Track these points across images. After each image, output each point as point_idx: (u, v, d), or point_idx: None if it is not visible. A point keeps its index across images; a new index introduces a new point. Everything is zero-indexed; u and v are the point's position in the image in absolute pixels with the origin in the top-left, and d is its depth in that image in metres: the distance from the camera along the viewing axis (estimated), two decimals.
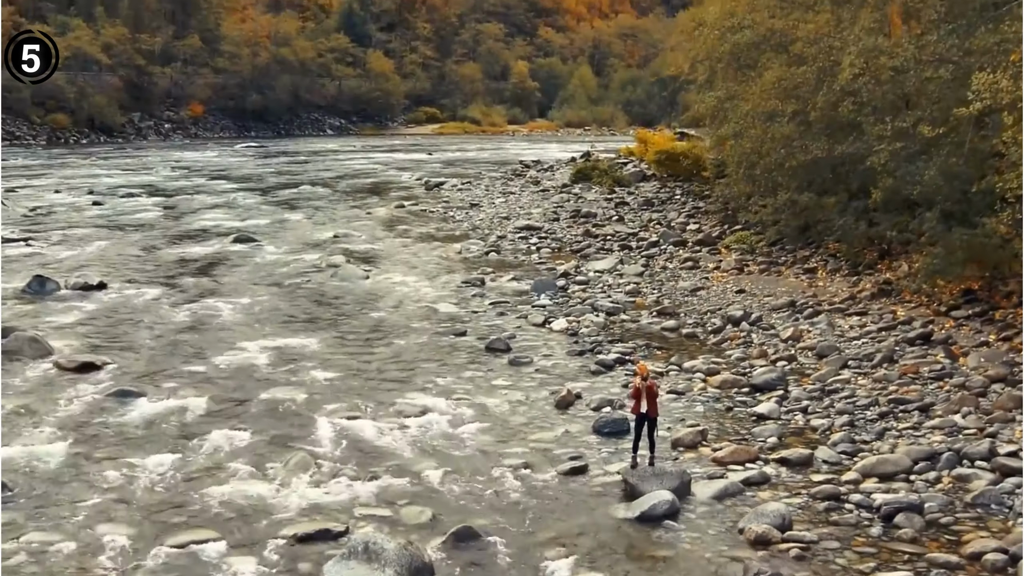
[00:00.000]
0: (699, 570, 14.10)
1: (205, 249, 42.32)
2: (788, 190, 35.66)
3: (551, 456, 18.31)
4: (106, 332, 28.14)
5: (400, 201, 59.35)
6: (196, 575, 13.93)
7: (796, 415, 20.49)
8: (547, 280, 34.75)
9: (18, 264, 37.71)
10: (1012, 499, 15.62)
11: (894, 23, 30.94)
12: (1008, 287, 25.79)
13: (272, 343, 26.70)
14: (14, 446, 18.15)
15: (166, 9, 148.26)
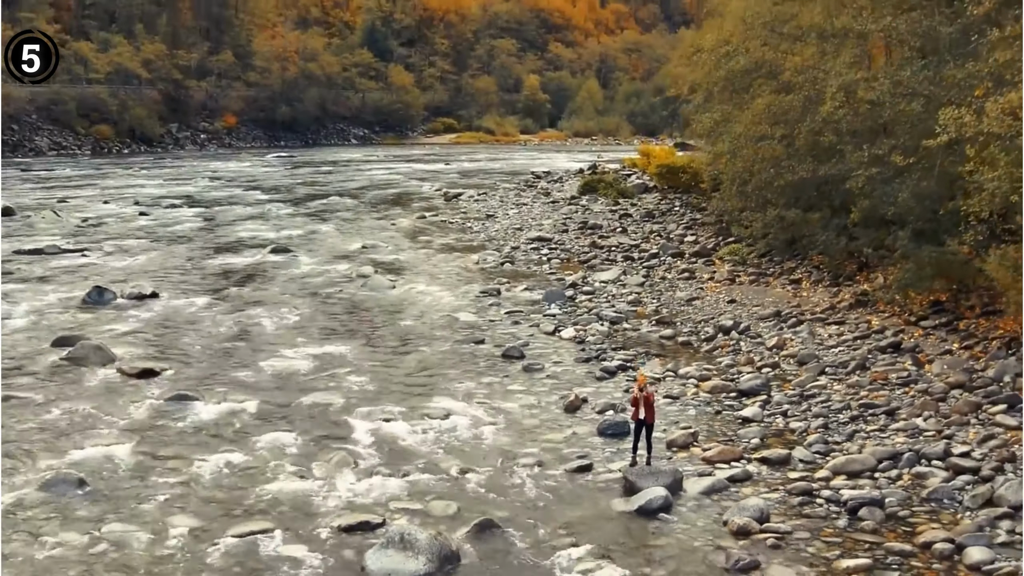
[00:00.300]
0: (688, 558, 14.93)
1: (245, 259, 42.65)
2: (777, 206, 36.12)
3: (560, 455, 19.02)
4: (161, 340, 28.67)
5: (422, 212, 59.56)
6: (256, 562, 14.68)
7: (777, 418, 20.99)
8: (557, 290, 35.10)
9: (76, 274, 38.19)
10: (962, 495, 16.39)
11: (874, 56, 31.85)
12: (970, 300, 26.60)
13: (311, 350, 27.25)
14: (89, 447, 18.92)
15: (201, 26, 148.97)
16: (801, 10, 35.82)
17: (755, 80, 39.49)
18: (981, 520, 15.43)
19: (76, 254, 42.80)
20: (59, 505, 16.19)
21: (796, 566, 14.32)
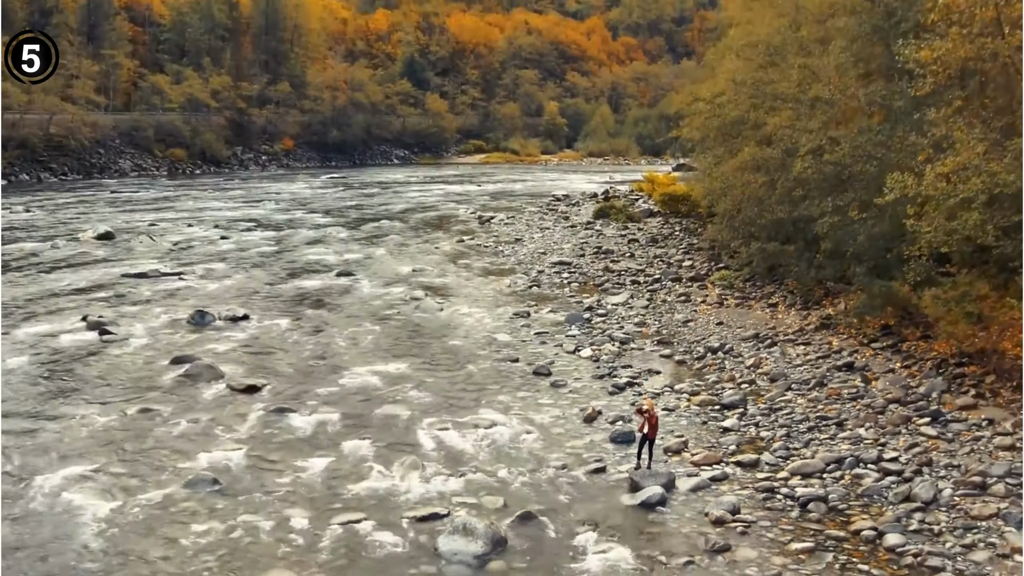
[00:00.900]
0: (677, 541, 17.02)
1: (315, 283, 43.16)
2: (759, 239, 37.64)
3: (581, 459, 20.86)
4: (257, 358, 29.83)
5: (460, 235, 59.72)
6: (355, 545, 16.83)
7: (751, 428, 22.69)
8: (576, 313, 35.91)
9: (177, 297, 38.88)
10: (887, 491, 18.41)
11: (839, 120, 33.87)
12: (912, 327, 28.60)
13: (378, 367, 28.50)
14: (215, 451, 20.84)
15: (260, 59, 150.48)
16: (780, 78, 37.47)
17: (743, 130, 41.52)
18: (900, 512, 17.45)
19: (174, 277, 43.36)
20: (201, 498, 18.40)
21: (758, 548, 16.44)
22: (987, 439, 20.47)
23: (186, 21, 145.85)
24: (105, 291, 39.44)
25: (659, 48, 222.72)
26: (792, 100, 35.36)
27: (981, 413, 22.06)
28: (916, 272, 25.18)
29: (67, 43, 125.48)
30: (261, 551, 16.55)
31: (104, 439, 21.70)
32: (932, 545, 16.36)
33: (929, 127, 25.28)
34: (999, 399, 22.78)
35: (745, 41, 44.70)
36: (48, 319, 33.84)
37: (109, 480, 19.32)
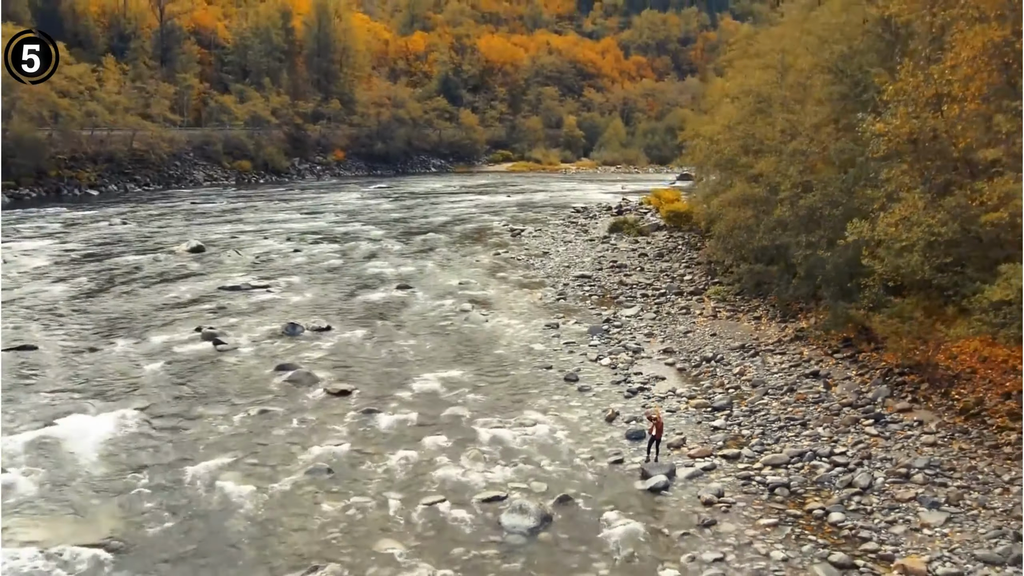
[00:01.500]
0: (677, 518, 19.99)
1: (380, 295, 44.71)
2: (748, 261, 39.93)
3: (604, 452, 23.72)
4: (343, 365, 32.02)
5: (496, 248, 60.77)
6: (438, 521, 19.81)
7: (735, 427, 25.36)
8: (596, 326, 37.64)
9: (269, 308, 40.91)
10: (835, 479, 21.46)
11: (813, 167, 36.76)
12: (864, 342, 31.12)
13: (440, 373, 30.86)
14: (323, 445, 23.81)
15: (313, 78, 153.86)
16: (766, 126, 39.87)
17: (735, 167, 44.63)
18: (843, 495, 20.50)
19: (262, 290, 45.13)
20: (319, 483, 21.61)
21: (736, 523, 19.60)
22: (915, 437, 23.44)
23: (247, 44, 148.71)
24: (208, 303, 41.61)
25: (666, 66, 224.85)
26: (775, 150, 37.90)
27: (914, 415, 24.87)
28: (869, 298, 28.13)
29: (144, 65, 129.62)
30: (370, 525, 19.73)
31: (236, 435, 24.99)
32: (864, 521, 19.50)
33: (883, 183, 27.70)
34: (929, 403, 25.53)
35: (739, 89, 47.56)
36: (168, 329, 36.45)
37: (246, 469, 22.59)
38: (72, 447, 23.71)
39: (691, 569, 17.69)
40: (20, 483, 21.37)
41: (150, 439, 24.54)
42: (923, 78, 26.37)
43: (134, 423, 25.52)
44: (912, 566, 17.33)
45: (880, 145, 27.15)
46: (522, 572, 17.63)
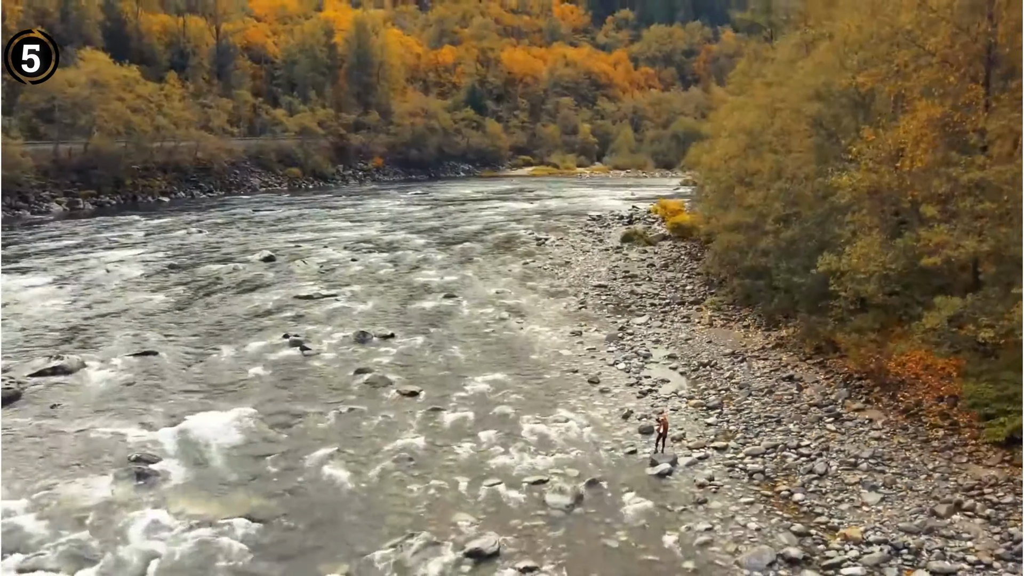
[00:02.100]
0: (677, 497, 23.85)
1: (431, 303, 47.60)
2: (740, 277, 43.68)
3: (622, 444, 27.55)
4: (408, 369, 35.37)
5: (524, 258, 63.13)
6: (498, 499, 23.73)
7: (724, 423, 29.06)
8: (614, 333, 40.51)
9: (339, 316, 44.10)
10: (800, 467, 25.39)
11: (796, 201, 40.26)
12: (831, 351, 34.67)
13: (487, 376, 34.26)
14: (403, 439, 27.79)
15: (354, 91, 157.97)
16: (757, 163, 43.21)
17: (730, 194, 48.41)
18: (804, 480, 24.47)
19: (331, 299, 48.04)
20: (404, 470, 25.65)
21: (723, 501, 23.61)
22: (865, 432, 27.56)
23: (294, 60, 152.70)
24: (287, 311, 45.47)
25: (672, 76, 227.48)
26: (764, 186, 41.52)
27: (866, 414, 28.98)
28: (835, 316, 32.39)
29: (203, 81, 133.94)
30: (446, 503, 23.90)
31: (332, 429, 29.25)
32: (819, 500, 23.60)
33: (847, 223, 31.65)
34: (879, 404, 29.52)
35: (735, 125, 51.10)
36: (260, 336, 40.42)
37: (346, 457, 26.82)
38: (207, 440, 27.95)
39: (688, 536, 21.95)
40: (175, 470, 25.74)
41: (266, 432, 28.82)
42: (881, 139, 30.45)
43: (250, 419, 29.71)
44: (851, 534, 21.62)
45: (845, 194, 31.04)
46: (563, 538, 21.92)
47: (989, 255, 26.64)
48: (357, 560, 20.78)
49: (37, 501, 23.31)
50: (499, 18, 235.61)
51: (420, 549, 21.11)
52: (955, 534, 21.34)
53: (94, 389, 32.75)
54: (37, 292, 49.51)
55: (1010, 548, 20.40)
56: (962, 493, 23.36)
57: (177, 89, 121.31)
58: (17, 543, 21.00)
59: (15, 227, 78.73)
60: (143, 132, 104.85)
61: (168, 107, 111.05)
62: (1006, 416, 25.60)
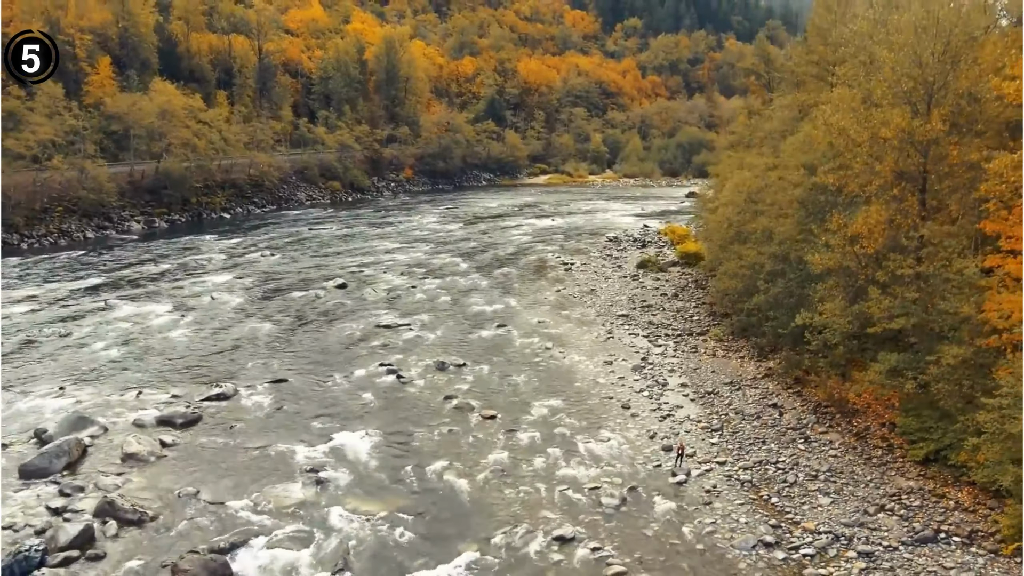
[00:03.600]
0: (691, 499, 32.94)
1: (488, 332, 54.56)
2: (737, 314, 53.17)
3: (650, 459, 36.54)
4: (483, 395, 42.85)
5: (556, 284, 70.04)
6: (568, 500, 32.69)
7: (724, 443, 37.75)
8: (637, 363, 47.36)
9: (417, 345, 51.43)
10: (777, 477, 36.23)
11: (785, 258, 49.69)
12: (809, 382, 44.51)
13: (545, 401, 42.01)
14: (494, 454, 37.40)
15: (384, 105, 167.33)
16: (752, 224, 52.03)
17: (729, 246, 57.67)
18: (779, 487, 34.78)
19: (406, 328, 55.09)
20: (500, 478, 34.74)
21: (722, 502, 33.35)
22: (825, 451, 37.19)
23: (329, 76, 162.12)
24: (374, 339, 54.33)
25: (677, 85, 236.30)
26: (757, 242, 50.87)
27: (828, 436, 38.84)
28: (809, 356, 42.50)
29: (248, 99, 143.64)
30: (534, 503, 33.31)
31: (439, 445, 38.92)
32: (788, 502, 33.12)
33: (818, 289, 41.57)
34: (838, 428, 39.12)
35: (733, 187, 60.39)
36: (360, 363, 49.52)
37: (456, 468, 36.28)
38: (354, 453, 37.81)
39: (699, 527, 31.93)
40: (339, 477, 35.65)
41: (392, 448, 38.69)
42: (843, 228, 40.10)
43: (378, 437, 39.57)
44: (808, 527, 31.72)
45: (816, 268, 40.96)
46: (615, 528, 31.95)
47: (914, 328, 36.46)
48: (480, 542, 30.70)
49: (255, 501, 33.27)
50: (514, 26, 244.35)
51: (522, 535, 30.96)
52: (877, 527, 31.24)
53: (253, 412, 42.49)
54: (163, 321, 59.04)
55: (912, 537, 30.49)
56: (887, 498, 33.22)
57: (225, 110, 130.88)
58: (255, 530, 31.07)
59: (110, 247, 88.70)
60: (206, 154, 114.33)
61: (227, 131, 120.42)
62: (924, 442, 35.57)
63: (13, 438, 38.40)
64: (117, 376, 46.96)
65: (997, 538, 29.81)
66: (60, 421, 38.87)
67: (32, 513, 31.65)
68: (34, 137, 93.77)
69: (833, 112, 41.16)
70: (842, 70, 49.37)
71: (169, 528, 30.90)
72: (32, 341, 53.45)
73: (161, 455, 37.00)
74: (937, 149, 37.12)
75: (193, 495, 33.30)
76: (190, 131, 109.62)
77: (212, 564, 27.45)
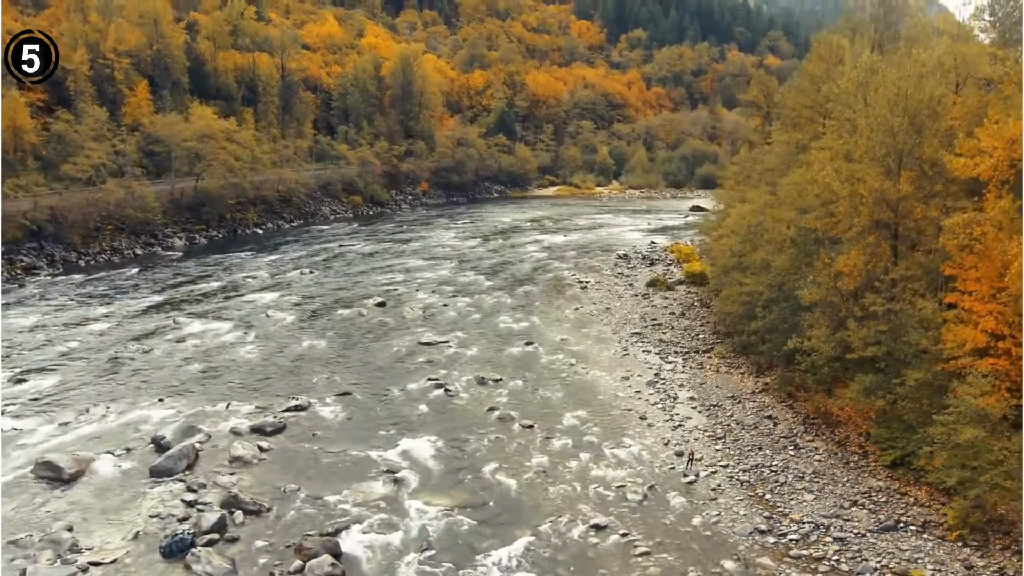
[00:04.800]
0: (700, 496, 40.60)
1: (517, 350, 59.89)
2: (739, 334, 61.31)
3: (666, 462, 43.90)
4: (521, 407, 48.92)
5: (574, 302, 75.18)
6: (601, 497, 40.41)
7: (727, 448, 44.84)
8: (651, 379, 53.04)
9: (455, 361, 57.44)
10: (771, 478, 44.51)
11: (782, 285, 57.93)
12: (800, 395, 53.20)
13: (574, 413, 48.41)
14: (536, 457, 45.46)
15: (401, 120, 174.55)
16: (754, 256, 60.38)
17: (732, 271, 65.43)
18: (772, 486, 42.81)
19: (444, 345, 60.72)
20: (543, 478, 42.60)
21: (726, 499, 41.19)
22: (811, 456, 44.97)
23: (347, 92, 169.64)
24: (420, 355, 60.61)
25: (681, 96, 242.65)
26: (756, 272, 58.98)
27: (814, 444, 46.68)
28: (800, 373, 50.29)
29: (272, 116, 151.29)
30: (573, 499, 40.90)
31: (490, 451, 46.51)
32: (780, 498, 40.99)
33: (807, 318, 49.55)
34: (823, 437, 46.72)
35: (736, 218, 67.99)
36: (410, 378, 56.45)
37: (505, 469, 43.89)
38: (420, 457, 45.44)
39: (707, 518, 39.71)
40: (410, 477, 43.49)
41: (449, 452, 46.45)
42: (827, 267, 47.84)
43: (437, 443, 47.19)
44: (794, 517, 39.67)
45: (805, 300, 48.78)
46: (640, 519, 39.73)
47: (885, 355, 44.42)
48: (532, 529, 38.63)
49: (345, 495, 41.12)
50: (521, 37, 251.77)
51: (565, 523, 38.94)
52: (850, 519, 39.17)
53: (329, 421, 50.30)
54: (229, 338, 66.48)
55: (878, 527, 38.50)
56: (860, 495, 41.16)
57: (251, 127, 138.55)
58: (351, 518, 38.94)
59: (158, 264, 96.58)
60: (241, 172, 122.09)
61: (259, 151, 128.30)
62: (892, 449, 43.54)
63: (134, 444, 45.93)
64: (204, 389, 54.51)
65: (945, 527, 37.55)
66: (174, 429, 46.52)
67: (171, 505, 39.36)
68: (87, 161, 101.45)
69: (820, 169, 48.62)
70: (830, 124, 56.85)
71: (282, 517, 38.65)
72: (120, 358, 60.79)
73: (261, 458, 44.65)
74: (905, 205, 44.52)
75: (296, 491, 40.97)
76: (227, 152, 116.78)
77: (328, 544, 35.38)
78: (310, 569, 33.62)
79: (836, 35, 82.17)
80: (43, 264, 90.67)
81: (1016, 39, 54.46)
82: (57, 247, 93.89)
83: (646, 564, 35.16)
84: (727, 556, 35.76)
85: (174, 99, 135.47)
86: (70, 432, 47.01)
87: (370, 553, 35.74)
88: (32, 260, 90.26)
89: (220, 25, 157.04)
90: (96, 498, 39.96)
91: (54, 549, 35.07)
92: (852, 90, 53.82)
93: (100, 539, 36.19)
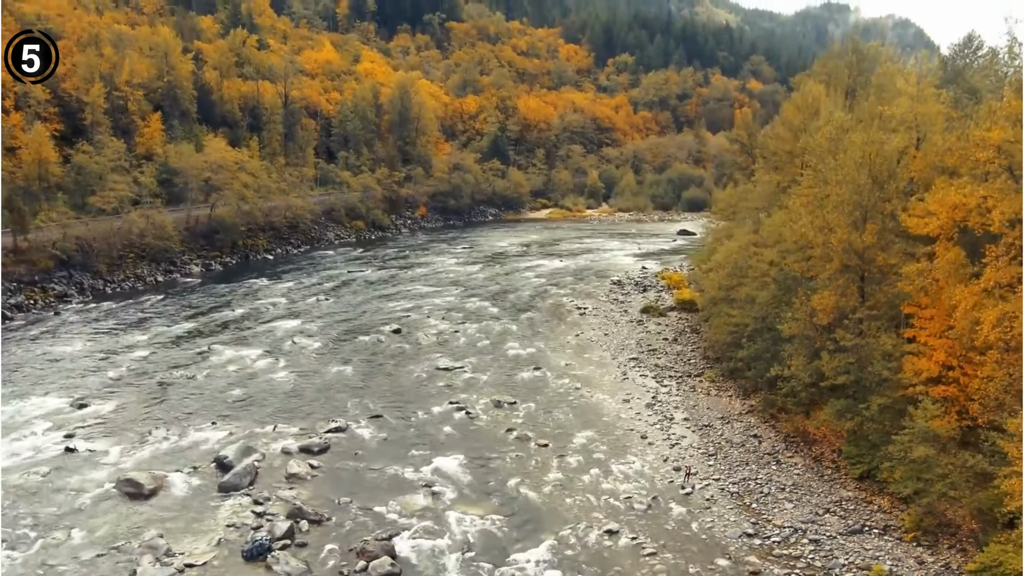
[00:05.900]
0: (696, 505, 47.03)
1: (527, 375, 64.37)
2: (727, 360, 69.48)
3: (665, 477, 50.51)
4: (536, 428, 54.19)
5: (575, 328, 79.79)
6: (614, 506, 47.15)
7: (718, 464, 51.64)
8: (649, 401, 57.73)
9: (473, 385, 62.36)
10: (757, 490, 51.76)
11: (766, 316, 65.47)
12: (783, 416, 60.71)
13: (583, 433, 53.59)
14: (553, 472, 52.85)
15: (399, 146, 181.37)
16: (740, 291, 68.59)
17: (720, 302, 72.79)
18: (757, 496, 49.64)
19: (460, 370, 65.14)
20: (561, 490, 49.51)
21: (718, 507, 48.33)
22: (791, 470, 52.52)
23: (347, 119, 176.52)
24: (439, 380, 65.92)
25: (667, 120, 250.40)
26: (741, 305, 66.74)
27: (793, 459, 54.02)
28: (782, 397, 57.62)
29: (277, 144, 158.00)
30: (590, 507, 47.83)
31: (513, 467, 53.20)
32: (764, 507, 47.77)
33: (789, 347, 57.12)
34: (802, 453, 53.85)
35: (723, 254, 75.29)
36: (433, 402, 62.59)
37: (528, 483, 50.90)
38: (452, 473, 52.47)
39: (702, 524, 46.78)
40: (447, 490, 50.30)
41: (477, 469, 53.21)
42: (804, 304, 55.24)
43: (465, 461, 53.99)
44: (776, 522, 46.82)
45: (785, 333, 56.16)
46: (646, 524, 46.73)
47: (853, 383, 51.83)
48: (555, 535, 45.57)
49: (394, 507, 47.93)
50: (512, 61, 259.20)
51: (583, 529, 45.92)
52: (824, 523, 46.34)
53: (367, 441, 57.16)
54: (262, 365, 72.80)
55: (847, 530, 45.84)
56: (832, 504, 48.40)
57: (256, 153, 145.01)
58: (400, 526, 45.91)
59: (180, 291, 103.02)
60: (252, 200, 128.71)
61: (267, 180, 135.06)
62: (860, 464, 50.85)
63: (198, 463, 52.67)
64: (250, 413, 61.22)
65: (903, 530, 44.72)
66: (234, 450, 53.34)
67: (243, 516, 46.18)
68: (113, 194, 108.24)
69: (797, 218, 55.96)
70: (807, 172, 64.18)
71: (341, 525, 45.57)
72: (166, 383, 67.49)
73: (313, 475, 51.50)
74: (870, 252, 51.82)
75: (348, 503, 47.86)
76: (240, 182, 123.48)
77: (386, 547, 42.45)
78: (373, 568, 40.36)
79: (812, 80, 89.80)
80: (74, 292, 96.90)
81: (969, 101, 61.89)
82: (85, 275, 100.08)
83: (653, 563, 41.91)
84: (720, 555, 42.54)
85: (183, 128, 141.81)
86: (138, 453, 53.14)
87: (420, 555, 42.39)
88: (63, 288, 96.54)
89: (225, 55, 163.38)
90: (176, 510, 46.34)
91: (152, 553, 41.55)
92: (825, 146, 60.84)
93: (188, 545, 42.53)
